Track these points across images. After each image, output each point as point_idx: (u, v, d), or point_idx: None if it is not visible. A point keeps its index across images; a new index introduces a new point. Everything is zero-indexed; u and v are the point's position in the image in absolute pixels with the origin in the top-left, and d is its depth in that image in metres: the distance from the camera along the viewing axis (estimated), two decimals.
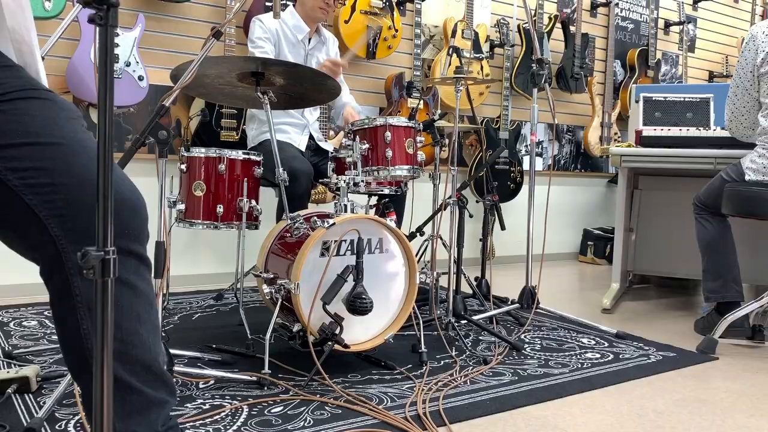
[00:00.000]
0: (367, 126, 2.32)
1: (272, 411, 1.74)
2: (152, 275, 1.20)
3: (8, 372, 1.81)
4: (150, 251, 1.29)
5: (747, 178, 2.53)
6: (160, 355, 1.19)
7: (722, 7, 5.94)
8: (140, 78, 3.09)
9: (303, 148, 2.95)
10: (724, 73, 5.85)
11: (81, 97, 3.01)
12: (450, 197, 2.49)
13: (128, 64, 3.06)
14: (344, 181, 2.16)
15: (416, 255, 3.16)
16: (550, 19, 4.67)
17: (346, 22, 3.71)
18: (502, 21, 4.45)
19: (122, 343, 1.11)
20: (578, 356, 2.35)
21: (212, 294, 3.15)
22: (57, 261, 1.07)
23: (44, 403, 1.69)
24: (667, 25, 5.54)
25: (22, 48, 1.12)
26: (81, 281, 1.07)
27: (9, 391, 1.77)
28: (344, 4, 3.69)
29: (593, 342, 2.56)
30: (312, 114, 3.06)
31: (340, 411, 1.76)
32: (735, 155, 2.71)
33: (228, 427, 1.64)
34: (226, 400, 1.80)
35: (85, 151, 1.09)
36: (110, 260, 0.69)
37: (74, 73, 2.96)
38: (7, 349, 2.19)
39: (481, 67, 4.30)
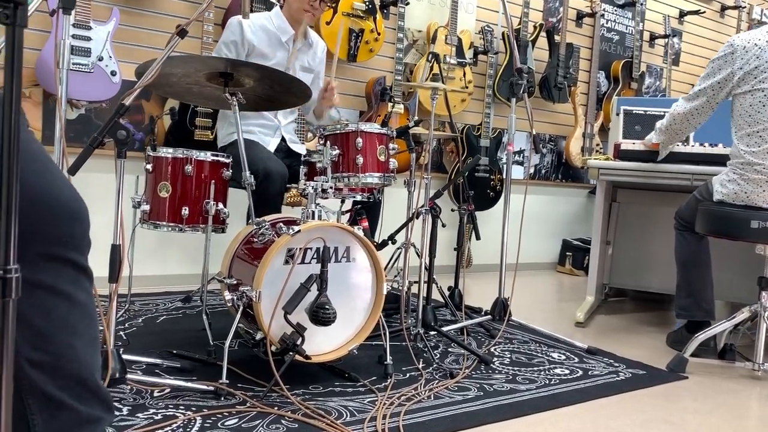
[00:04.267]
0: (338, 131, 2.27)
1: (226, 423, 1.69)
2: (92, 285, 1.14)
3: None
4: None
5: (715, 198, 2.50)
6: (96, 369, 1.13)
7: (708, 21, 5.95)
8: (113, 73, 3.02)
9: (272, 150, 2.89)
10: None
11: (51, 91, 2.94)
12: (422, 206, 2.45)
13: (101, 59, 2.98)
14: (312, 187, 2.10)
15: (388, 263, 3.14)
16: (535, 27, 4.64)
17: (328, 23, 3.65)
18: (486, 28, 4.42)
19: (54, 357, 1.05)
20: (547, 372, 2.32)
21: (180, 296, 3.09)
22: None
23: None
24: (653, 38, 5.54)
25: None
26: None
27: None
28: (333, 8, 3.62)
29: (563, 357, 2.52)
30: (286, 117, 3.00)
31: (297, 425, 1.70)
32: (712, 172, 2.69)
33: None
34: (180, 411, 1.74)
35: (24, 153, 1.03)
36: (11, 279, 0.63)
37: (44, 66, 2.88)
38: None
39: (464, 74, 4.27)
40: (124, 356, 1.86)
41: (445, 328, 2.58)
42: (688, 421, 1.96)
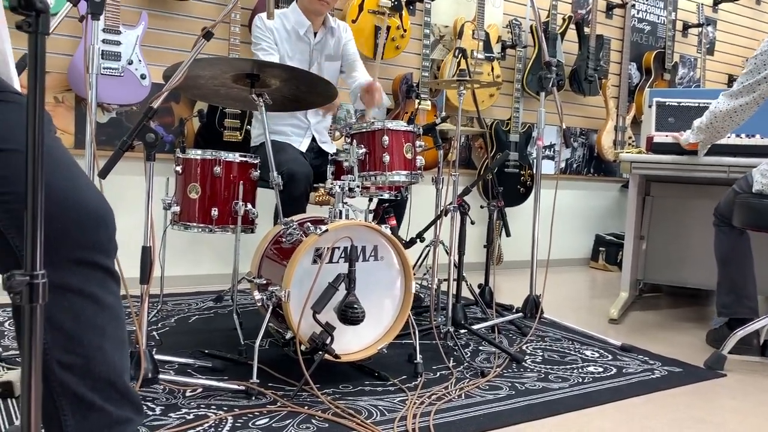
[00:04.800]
0: (364, 130, 2.26)
1: (257, 423, 1.69)
2: (119, 288, 1.15)
3: None
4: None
5: (755, 189, 2.42)
6: (125, 371, 1.14)
7: (743, 9, 5.79)
8: (143, 76, 3.06)
9: (303, 149, 2.89)
10: None
11: (83, 96, 2.99)
12: (451, 203, 2.43)
13: (130, 63, 3.03)
14: (339, 186, 2.10)
15: (417, 261, 3.12)
16: (564, 20, 4.57)
17: (354, 21, 3.65)
18: (514, 21, 4.37)
19: (84, 359, 1.07)
20: (580, 370, 2.28)
21: (212, 295, 3.12)
22: None
23: None
24: (686, 27, 5.41)
25: None
26: None
27: None
28: None
29: (597, 355, 2.48)
30: (315, 116, 3.00)
31: (327, 425, 1.70)
32: (749, 164, 2.62)
33: None
34: (212, 410, 1.76)
35: (49, 159, 1.04)
36: (38, 285, 0.64)
37: (76, 71, 2.93)
38: None
39: (492, 69, 4.22)
40: (157, 356, 1.88)
41: (475, 326, 2.56)
42: (727, 420, 1.90)
